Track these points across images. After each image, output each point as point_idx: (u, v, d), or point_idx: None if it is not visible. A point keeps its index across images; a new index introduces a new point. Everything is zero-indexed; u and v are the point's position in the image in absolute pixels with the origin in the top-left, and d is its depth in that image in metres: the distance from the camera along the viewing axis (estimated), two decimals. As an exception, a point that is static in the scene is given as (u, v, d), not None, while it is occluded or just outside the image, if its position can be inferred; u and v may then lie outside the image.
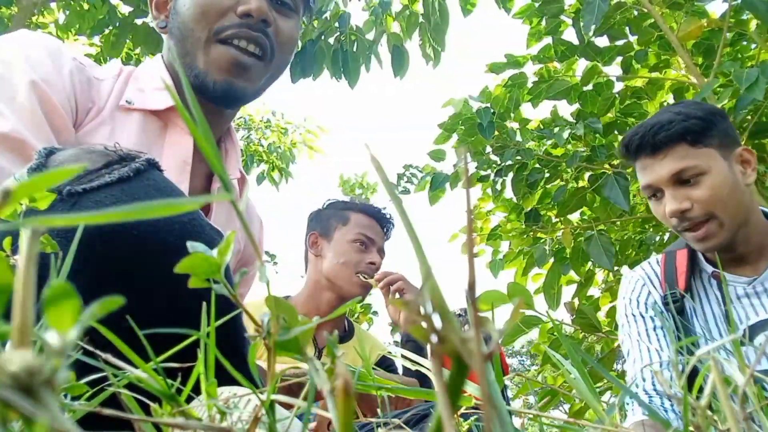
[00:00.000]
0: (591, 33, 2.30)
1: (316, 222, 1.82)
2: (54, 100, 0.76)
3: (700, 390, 0.28)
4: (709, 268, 1.23)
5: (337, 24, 3.10)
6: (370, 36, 3.16)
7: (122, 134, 0.82)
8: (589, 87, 2.61)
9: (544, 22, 2.68)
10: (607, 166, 2.55)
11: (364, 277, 1.65)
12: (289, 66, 1.06)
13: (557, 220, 2.97)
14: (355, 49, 3.11)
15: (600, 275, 3.10)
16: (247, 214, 1.08)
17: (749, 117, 2.23)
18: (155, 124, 0.87)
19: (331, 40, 3.13)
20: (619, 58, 2.58)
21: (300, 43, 2.98)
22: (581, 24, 2.31)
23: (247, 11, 0.85)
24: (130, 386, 0.27)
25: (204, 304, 0.30)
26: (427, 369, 0.41)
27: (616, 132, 2.64)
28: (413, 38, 3.17)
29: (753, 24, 2.32)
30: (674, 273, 1.25)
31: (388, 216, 1.82)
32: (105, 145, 0.55)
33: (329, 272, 1.69)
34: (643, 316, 1.25)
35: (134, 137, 0.83)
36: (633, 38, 2.56)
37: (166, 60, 0.93)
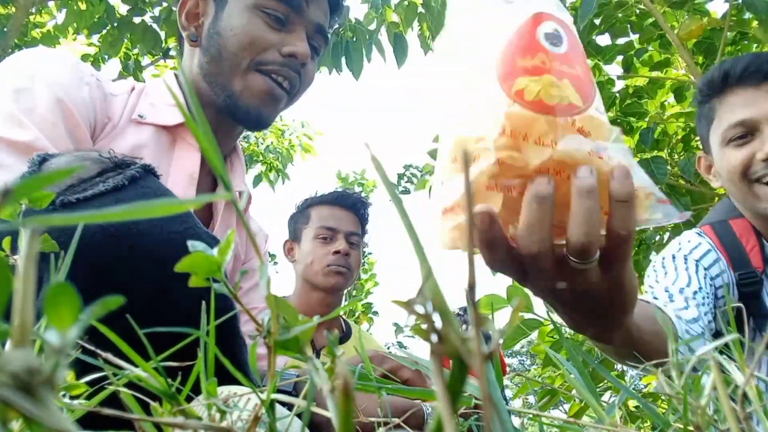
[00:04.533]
0: (585, 22, 2.28)
1: (289, 229, 1.83)
2: (76, 115, 0.78)
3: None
4: None
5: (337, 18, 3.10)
6: (370, 27, 3.15)
7: (135, 148, 0.84)
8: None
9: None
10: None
11: (333, 267, 1.65)
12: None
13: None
14: (355, 40, 3.11)
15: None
16: (251, 229, 1.09)
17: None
18: (165, 138, 0.89)
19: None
20: (620, 57, 2.57)
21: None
22: (577, 15, 2.30)
23: (293, 53, 0.89)
24: (130, 385, 0.27)
25: (203, 303, 0.30)
26: (427, 369, 0.41)
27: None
28: (412, 29, 3.16)
29: (755, 23, 2.32)
30: (739, 248, 1.06)
31: (350, 195, 1.78)
32: (99, 151, 0.55)
33: (303, 275, 1.70)
34: (696, 262, 1.03)
35: (145, 151, 0.85)
36: (634, 37, 2.56)
37: (182, 76, 0.95)
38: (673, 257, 1.07)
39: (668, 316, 0.85)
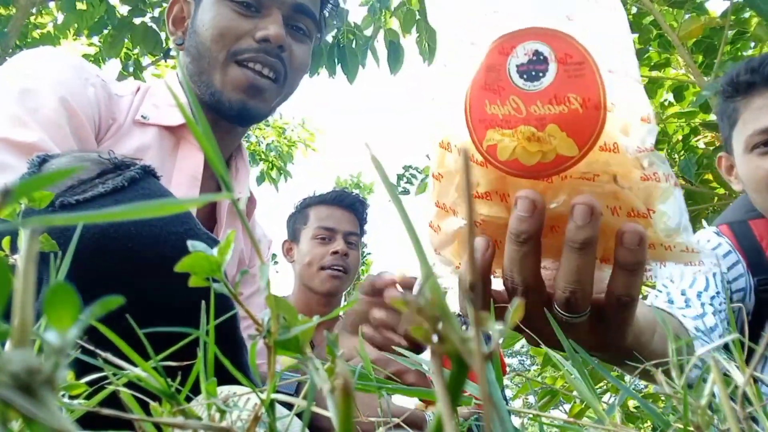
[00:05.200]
0: None
1: (288, 229, 1.83)
2: (81, 115, 0.78)
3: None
4: None
5: (335, 21, 3.10)
6: (368, 32, 3.16)
7: (139, 149, 0.84)
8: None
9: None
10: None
11: (332, 267, 1.64)
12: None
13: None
14: (353, 45, 3.11)
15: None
16: (256, 234, 1.09)
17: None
18: (169, 139, 0.89)
19: (329, 38, 3.13)
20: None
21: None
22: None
23: (265, 37, 0.86)
24: (130, 385, 0.27)
25: (203, 302, 0.30)
26: (427, 369, 0.41)
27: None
28: (411, 34, 3.16)
29: (754, 21, 2.32)
30: (759, 251, 0.99)
31: (348, 195, 1.77)
32: (99, 152, 0.55)
33: (300, 276, 1.70)
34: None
35: (149, 152, 0.85)
36: (633, 36, 2.56)
37: (180, 76, 0.95)
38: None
39: (689, 331, 0.81)
